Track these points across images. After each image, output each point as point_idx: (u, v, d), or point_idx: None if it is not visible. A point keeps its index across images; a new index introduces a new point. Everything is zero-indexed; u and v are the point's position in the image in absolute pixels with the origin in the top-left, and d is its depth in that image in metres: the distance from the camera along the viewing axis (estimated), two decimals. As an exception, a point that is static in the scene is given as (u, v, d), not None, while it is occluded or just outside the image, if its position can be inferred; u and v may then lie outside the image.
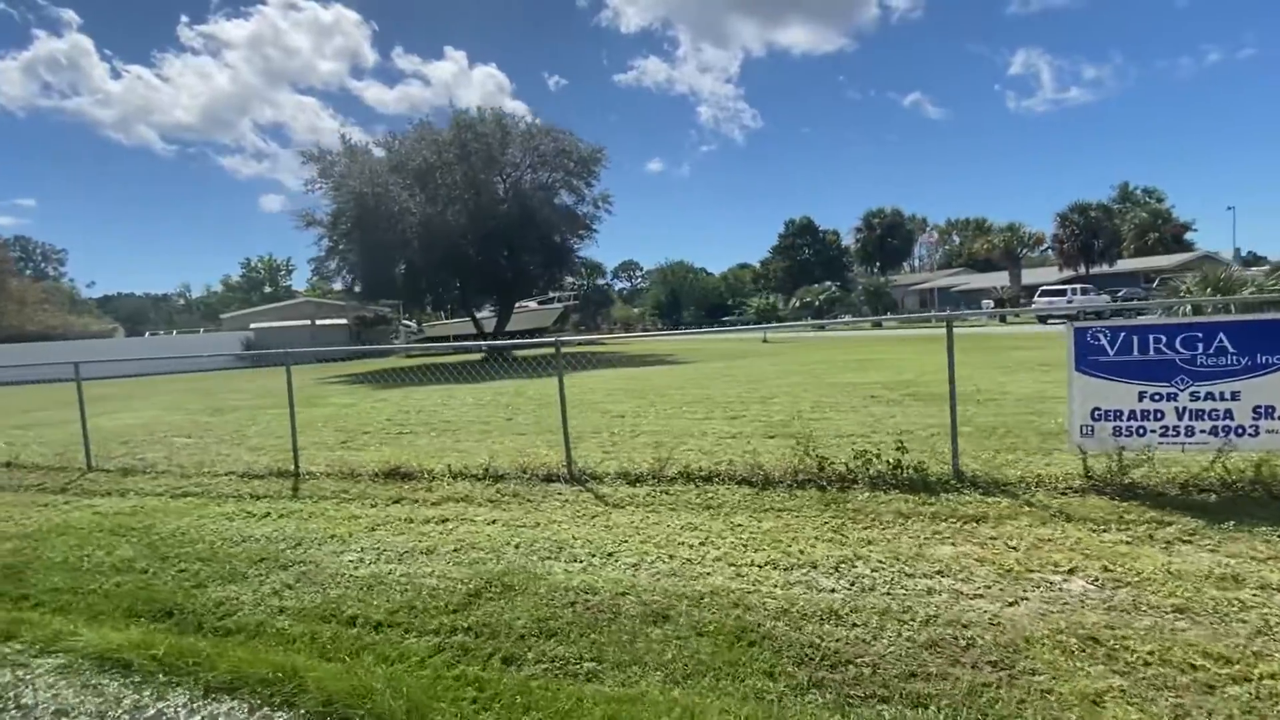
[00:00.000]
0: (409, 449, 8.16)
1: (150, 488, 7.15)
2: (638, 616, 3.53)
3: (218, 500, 6.45)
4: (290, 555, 4.79)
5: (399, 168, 22.99)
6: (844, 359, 18.06)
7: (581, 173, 26.21)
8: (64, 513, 6.40)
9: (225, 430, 10.71)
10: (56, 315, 47.70)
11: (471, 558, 4.49)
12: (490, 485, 6.21)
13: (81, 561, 4.98)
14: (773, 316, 43.40)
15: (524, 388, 14.86)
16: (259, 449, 8.86)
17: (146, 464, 8.28)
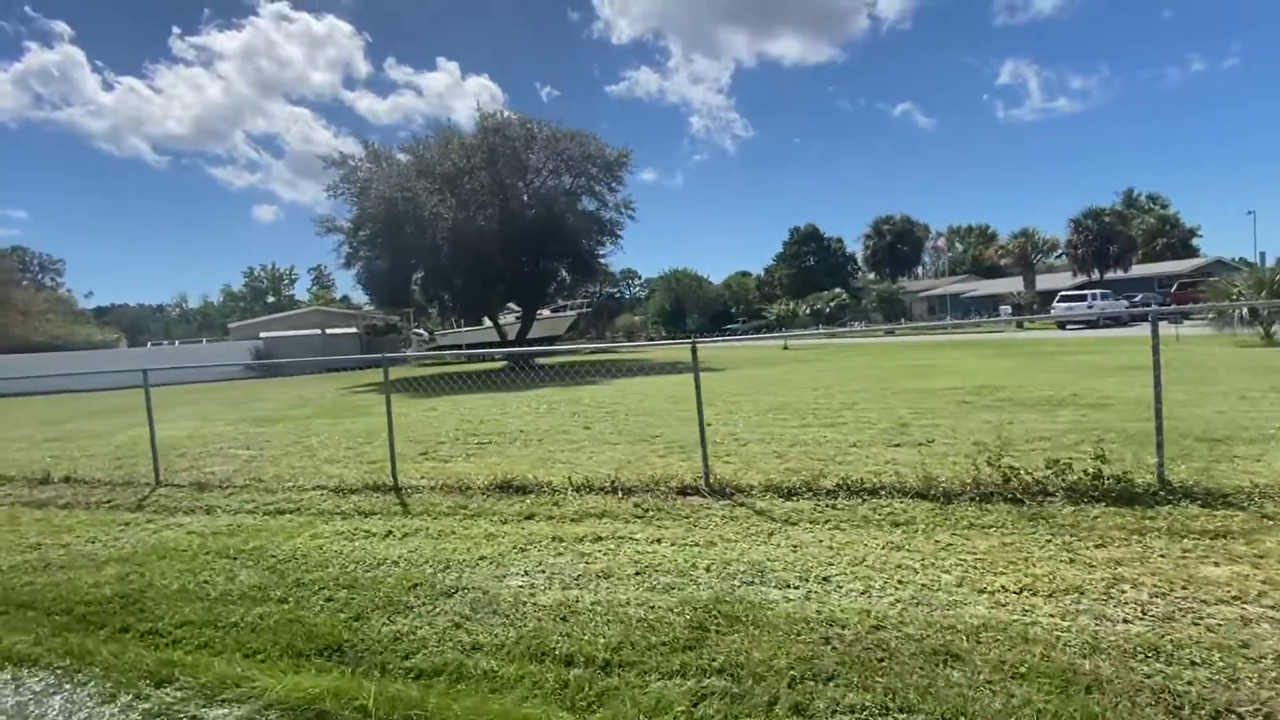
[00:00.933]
0: (506, 460, 7.64)
1: (235, 504, 6.62)
2: (916, 654, 3.04)
3: (322, 517, 5.93)
4: (445, 580, 4.28)
5: (426, 172, 22.51)
6: (894, 365, 17.62)
7: (606, 177, 25.80)
8: (153, 532, 5.87)
9: (282, 442, 10.17)
10: (61, 326, 46.92)
11: (663, 583, 3.99)
12: (622, 499, 5.72)
13: (204, 589, 4.46)
14: (792, 323, 42.98)
15: (576, 394, 14.38)
16: (335, 460, 8.33)
17: (218, 478, 7.74)
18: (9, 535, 6.08)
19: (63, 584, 4.74)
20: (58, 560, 5.28)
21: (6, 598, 4.61)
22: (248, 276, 78.04)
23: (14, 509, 7.05)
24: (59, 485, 7.98)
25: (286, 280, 77.53)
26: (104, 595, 4.48)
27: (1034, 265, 45.51)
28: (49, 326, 44.69)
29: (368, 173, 23.96)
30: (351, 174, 24.02)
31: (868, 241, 63.43)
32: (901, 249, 62.34)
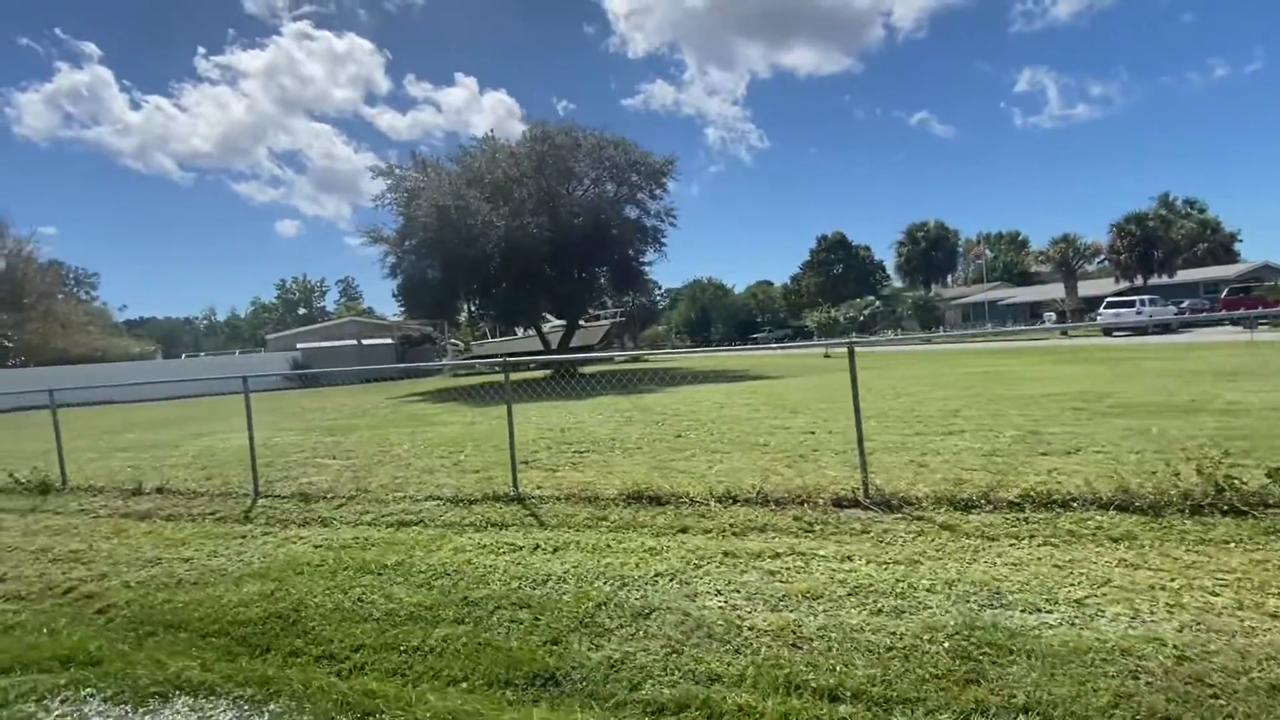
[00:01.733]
0: (615, 470, 7.29)
1: (349, 516, 6.32)
2: (1253, 690, 2.62)
3: (453, 529, 5.60)
4: (630, 599, 3.93)
5: (476, 181, 22.39)
6: (963, 372, 17.08)
7: (649, 184, 25.55)
8: (276, 545, 5.58)
9: (366, 451, 9.91)
10: (100, 338, 47.53)
11: (887, 606, 3.60)
12: (776, 512, 5.33)
13: (363, 608, 4.14)
14: (833, 331, 42.39)
15: (642, 403, 14.02)
16: (433, 470, 8.03)
17: (318, 489, 7.47)
18: (123, 549, 5.83)
19: (204, 601, 4.45)
20: (186, 576, 4.99)
21: (147, 616, 4.33)
22: (279, 288, 78.93)
23: (117, 520, 6.81)
24: (153, 496, 7.75)
25: (317, 292, 78.35)
26: (256, 615, 4.17)
27: (1075, 271, 44.50)
28: (89, 339, 45.26)
29: (414, 182, 23.90)
30: (399, 184, 23.99)
31: (900, 248, 62.65)
32: (936, 255, 61.45)
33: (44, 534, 6.52)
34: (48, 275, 44.70)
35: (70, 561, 5.59)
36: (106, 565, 5.38)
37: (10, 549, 6.10)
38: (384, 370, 38.07)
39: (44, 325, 42.36)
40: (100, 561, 5.52)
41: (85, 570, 5.31)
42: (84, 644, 3.94)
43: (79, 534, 6.41)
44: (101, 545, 5.97)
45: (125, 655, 3.81)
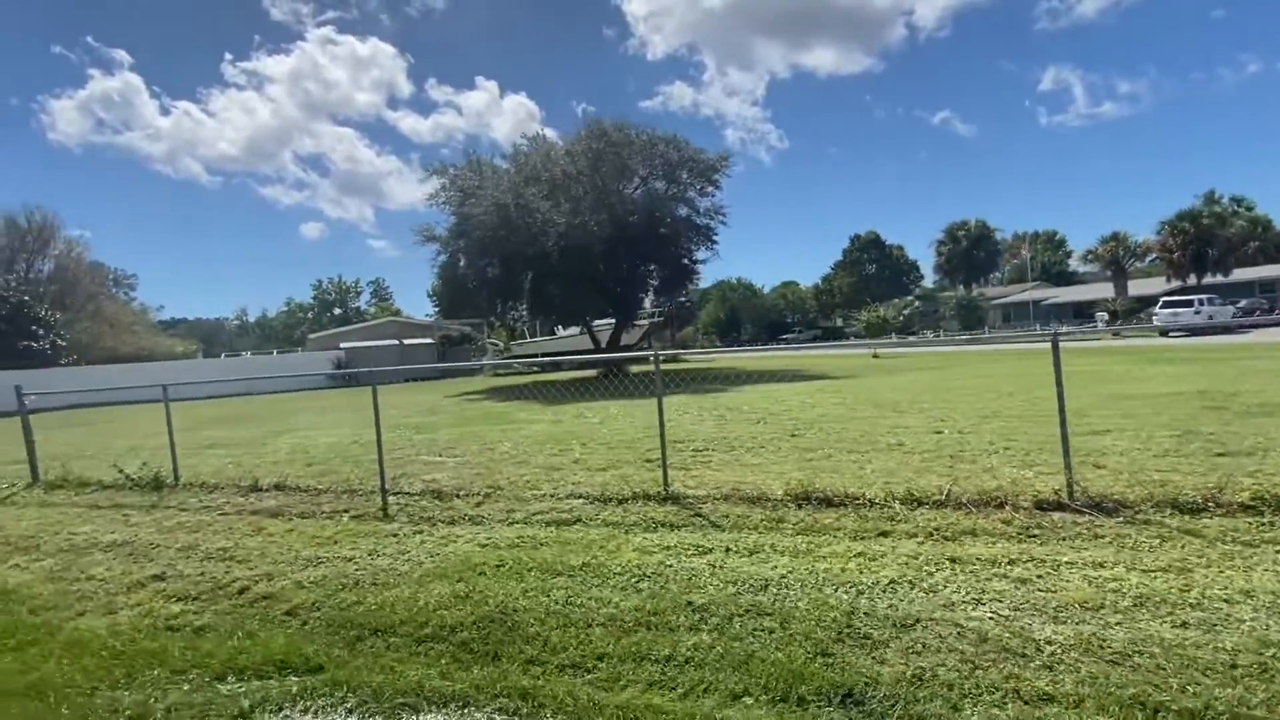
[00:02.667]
0: (750, 468, 7.00)
1: (495, 513, 6.09)
2: None
3: (619, 529, 5.34)
4: (880, 609, 3.62)
5: (534, 178, 22.24)
6: (1043, 371, 16.48)
7: (700, 181, 25.22)
8: (438, 544, 5.36)
9: (470, 448, 9.71)
10: (147, 337, 48.27)
11: (1193, 618, 3.26)
12: (974, 515, 4.99)
13: (578, 613, 3.89)
14: (883, 330, 41.72)
15: (724, 401, 13.70)
16: (557, 468, 7.78)
17: (446, 486, 7.26)
18: (273, 547, 5.64)
19: (396, 604, 4.22)
20: (360, 576, 4.78)
21: (343, 619, 4.11)
22: (315, 289, 79.81)
23: (248, 518, 6.64)
24: (273, 493, 7.59)
25: (352, 292, 79.11)
26: (464, 619, 3.93)
27: (1126, 270, 43.42)
28: (136, 338, 45.97)
29: (467, 181, 23.82)
30: (454, 182, 23.92)
31: (940, 248, 61.64)
32: (977, 255, 60.38)
33: (180, 531, 6.36)
34: (96, 276, 45.52)
35: (223, 560, 5.41)
36: (266, 564, 5.19)
37: (153, 545, 5.95)
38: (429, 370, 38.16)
39: (93, 325, 43.09)
40: (255, 560, 5.33)
41: (246, 569, 5.12)
42: (295, 648, 3.72)
43: (217, 531, 6.24)
44: (248, 543, 5.79)
45: (344, 661, 3.58)
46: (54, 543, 6.27)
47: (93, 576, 5.24)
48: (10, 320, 33.47)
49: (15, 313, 33.88)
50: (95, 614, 4.53)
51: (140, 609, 4.52)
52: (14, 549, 6.16)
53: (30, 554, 5.99)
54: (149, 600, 4.66)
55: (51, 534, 6.56)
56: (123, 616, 4.44)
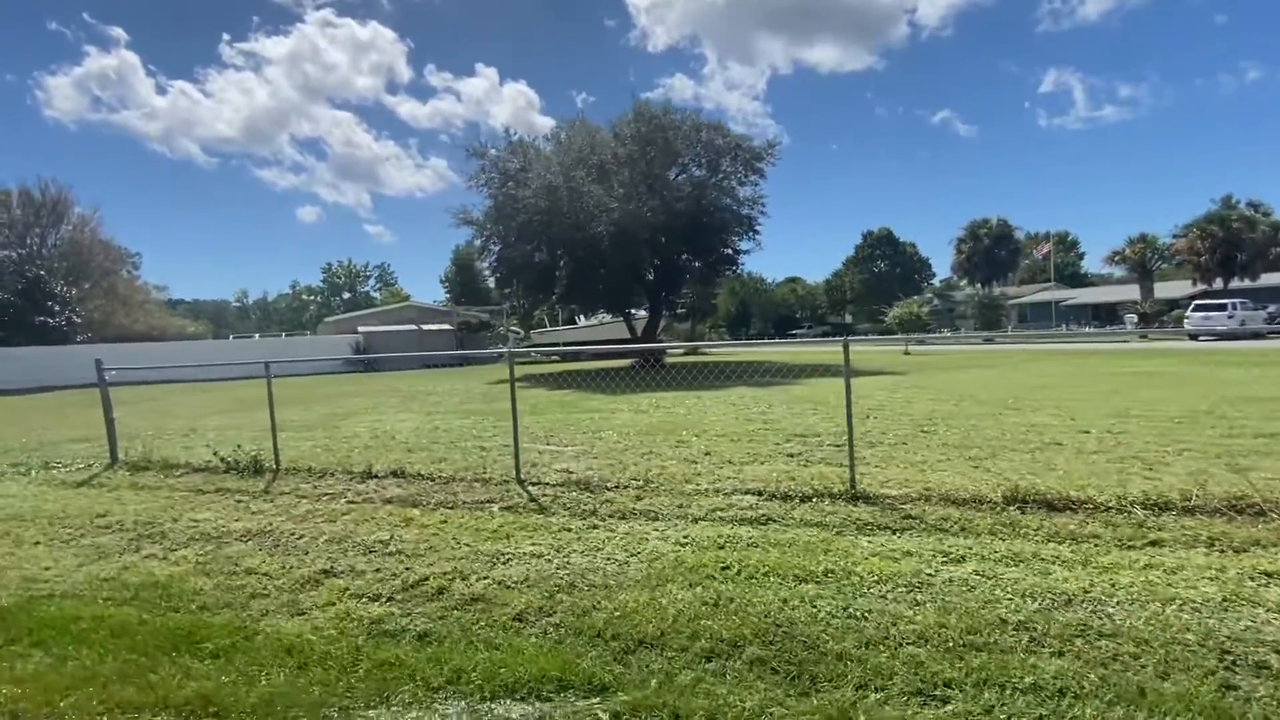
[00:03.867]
0: (910, 464, 6.53)
1: (667, 508, 5.61)
2: None
3: (831, 531, 4.86)
4: (1254, 633, 3.15)
5: (582, 161, 21.63)
6: (1110, 372, 16.10)
7: (744, 169, 24.65)
8: (627, 542, 4.88)
9: (572, 436, 9.22)
10: (159, 317, 47.52)
11: None
12: (1233, 522, 4.53)
13: (880, 632, 3.42)
14: (915, 327, 41.27)
15: (790, 393, 13.24)
16: (692, 460, 7.29)
17: (581, 477, 6.77)
18: (438, 541, 5.15)
19: (637, 611, 3.75)
20: (565, 578, 4.30)
21: (584, 627, 3.63)
22: (325, 272, 78.87)
23: (385, 507, 6.15)
24: (393, 480, 7.09)
25: (361, 277, 78.30)
26: (736, 631, 3.47)
27: (1152, 272, 43.08)
28: (148, 317, 45.22)
29: (507, 162, 23.22)
30: (495, 165, 23.31)
31: (961, 245, 61.18)
32: (998, 253, 59.96)
33: (315, 520, 5.86)
34: (110, 253, 44.72)
35: (388, 554, 4.92)
36: (446, 560, 4.70)
37: (295, 535, 5.45)
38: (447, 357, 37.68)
39: (106, 302, 42.34)
40: (428, 555, 4.84)
41: (426, 566, 4.63)
42: (566, 663, 3.24)
43: (357, 520, 5.75)
44: (404, 535, 5.30)
45: (633, 680, 3.10)
46: (179, 530, 5.76)
47: (251, 570, 4.75)
48: (26, 295, 32.75)
49: (31, 287, 33.16)
50: (281, 614, 4.04)
51: (333, 610, 4.03)
52: (139, 536, 5.66)
53: (161, 542, 5.48)
54: (337, 599, 4.17)
55: (170, 520, 6.06)
56: (317, 618, 3.94)
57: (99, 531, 5.87)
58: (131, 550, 5.31)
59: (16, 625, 4.00)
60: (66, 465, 8.94)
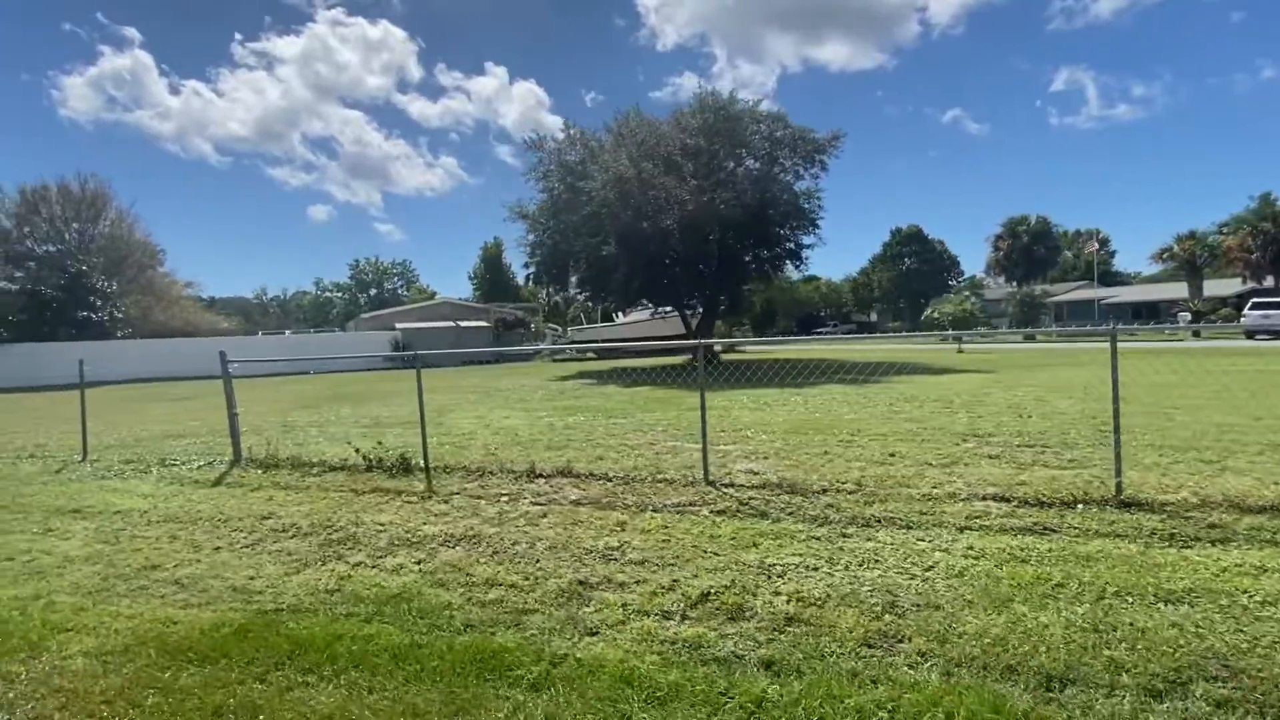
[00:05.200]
0: (1149, 467, 5.97)
1: (909, 517, 5.07)
2: None
3: (1130, 543, 4.30)
4: None
5: (648, 153, 21.07)
6: (1218, 369, 15.41)
7: (805, 163, 24.03)
8: (906, 553, 4.35)
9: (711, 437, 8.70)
10: (194, 312, 47.43)
11: None
12: None
13: None
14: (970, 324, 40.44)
15: (898, 391, 12.66)
16: (883, 461, 6.75)
17: (771, 479, 6.25)
18: (675, 548, 4.64)
19: (1013, 640, 3.22)
20: (869, 595, 3.77)
21: (971, 657, 3.09)
22: (353, 269, 78.81)
23: (578, 509, 5.65)
24: (564, 479, 6.60)
25: (389, 274, 78.01)
26: (1165, 665, 2.92)
27: (1201, 270, 42.10)
28: (183, 312, 45.10)
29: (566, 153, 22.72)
30: (554, 156, 22.82)
31: (999, 243, 60.21)
32: (1038, 250, 58.95)
33: (511, 524, 5.38)
34: (147, 248, 44.63)
35: (636, 564, 4.43)
36: (710, 573, 4.20)
37: (510, 542, 4.96)
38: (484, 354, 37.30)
39: (142, 298, 42.23)
40: (681, 565, 4.35)
41: (690, 577, 4.13)
42: (996, 702, 2.71)
43: (560, 525, 5.26)
44: (632, 541, 4.81)
45: (1094, 728, 2.56)
46: (369, 535, 5.29)
47: (490, 581, 4.26)
48: (69, 290, 32.62)
49: (74, 282, 33.02)
50: (566, 635, 3.54)
51: (630, 630, 3.53)
52: (330, 541, 5.19)
53: (359, 548, 5.01)
54: (622, 616, 3.67)
55: (350, 524, 5.58)
56: (618, 639, 3.44)
57: (277, 535, 5.40)
58: (333, 557, 4.84)
59: (271, 647, 3.52)
60: (183, 462, 8.51)
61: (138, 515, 6.16)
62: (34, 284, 32.92)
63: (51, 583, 4.60)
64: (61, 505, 6.65)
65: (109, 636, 3.74)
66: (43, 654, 3.57)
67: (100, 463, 8.83)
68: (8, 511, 6.52)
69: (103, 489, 7.29)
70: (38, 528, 5.93)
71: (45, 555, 5.16)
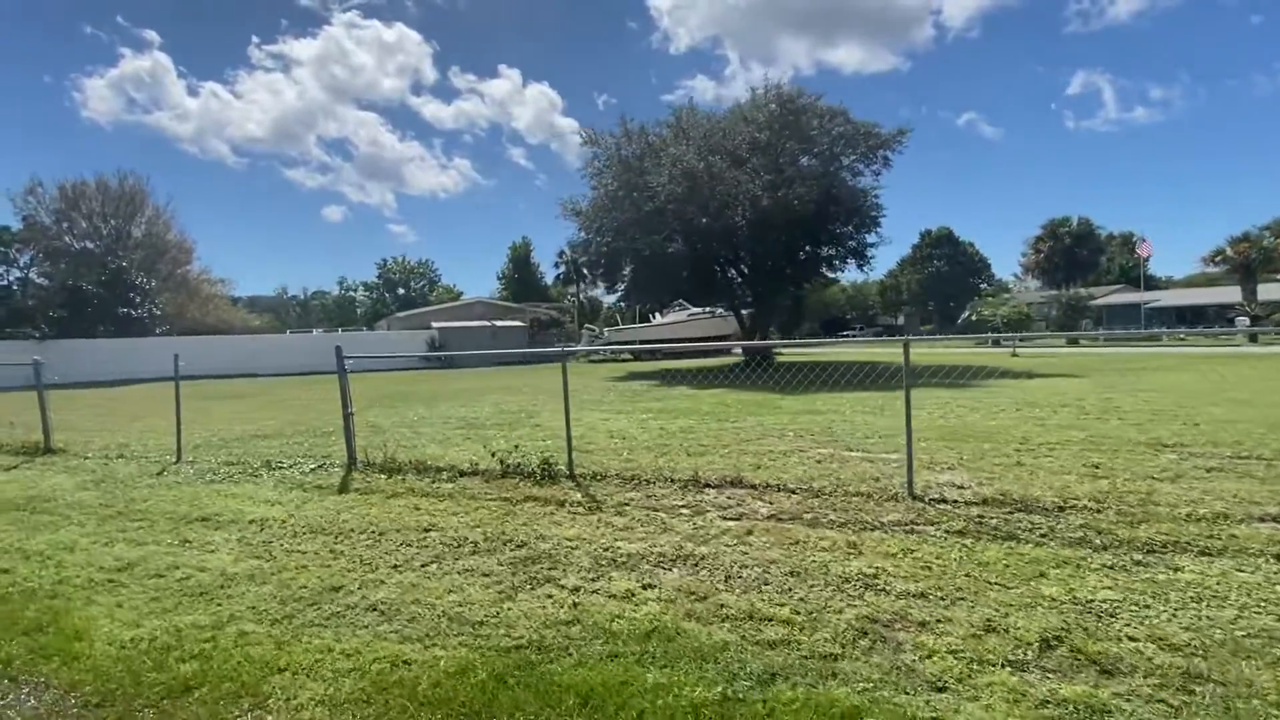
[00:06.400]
0: None
1: (1188, 537, 4.38)
2: None
3: None
4: None
5: (713, 147, 20.40)
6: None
7: (868, 159, 23.28)
8: (1258, 585, 3.65)
9: (812, 436, 8.03)
10: (227, 310, 47.29)
11: None
12: None
13: None
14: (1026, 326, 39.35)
15: (1025, 395, 11.93)
16: (1089, 474, 6.05)
17: (963, 492, 5.57)
18: (931, 574, 3.98)
19: None
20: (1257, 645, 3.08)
21: None
22: (380, 268, 78.62)
23: (783, 526, 5.00)
24: (743, 492, 5.96)
25: (416, 274, 77.73)
26: None
27: (1255, 273, 40.84)
28: (218, 310, 44.97)
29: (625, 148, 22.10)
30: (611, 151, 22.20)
31: (1039, 244, 59.02)
32: (1080, 253, 57.70)
33: (716, 541, 4.74)
34: (182, 245, 44.53)
35: (913, 596, 3.77)
36: (1020, 611, 3.53)
37: (736, 565, 4.33)
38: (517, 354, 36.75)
39: (176, 295, 42.09)
40: (971, 599, 3.68)
41: (999, 616, 3.47)
42: None
43: (777, 544, 4.62)
44: (887, 568, 4.16)
45: None
46: (561, 553, 4.67)
47: (748, 614, 3.62)
48: (110, 287, 32.42)
49: (115, 279, 32.83)
50: (919, 691, 2.89)
51: (990, 686, 2.87)
52: (521, 559, 4.56)
53: (561, 568, 4.38)
54: (970, 669, 3.00)
55: (531, 538, 4.97)
56: (991, 703, 2.78)
57: (453, 551, 4.79)
58: (540, 579, 4.22)
59: (548, 699, 2.90)
60: (290, 465, 7.95)
61: (277, 525, 5.58)
62: (74, 280, 32.72)
63: (226, 607, 4.02)
64: (184, 512, 6.10)
65: (336, 680, 3.13)
66: (268, 702, 2.98)
67: (198, 464, 8.30)
68: (128, 519, 5.97)
69: (219, 494, 6.74)
70: (171, 537, 5.37)
71: (200, 572, 4.58)
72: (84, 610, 4.04)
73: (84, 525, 5.84)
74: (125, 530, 5.63)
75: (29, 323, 32.72)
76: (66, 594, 4.34)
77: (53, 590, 4.41)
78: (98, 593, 4.34)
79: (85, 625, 3.83)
